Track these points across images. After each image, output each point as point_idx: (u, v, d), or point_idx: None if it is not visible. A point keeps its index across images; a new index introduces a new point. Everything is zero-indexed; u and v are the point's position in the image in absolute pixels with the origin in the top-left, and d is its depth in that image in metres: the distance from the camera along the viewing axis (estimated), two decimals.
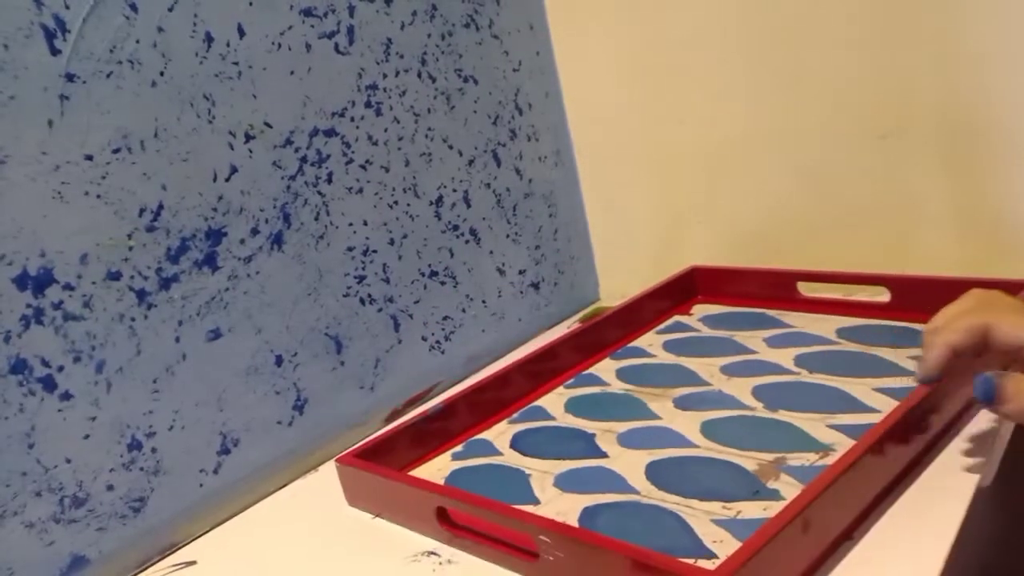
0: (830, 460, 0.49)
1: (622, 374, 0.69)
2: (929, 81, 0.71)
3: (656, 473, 0.52)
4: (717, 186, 0.86)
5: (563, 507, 0.50)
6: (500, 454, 0.60)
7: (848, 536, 0.43)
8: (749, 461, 0.51)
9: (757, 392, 0.60)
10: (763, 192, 0.83)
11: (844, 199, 0.78)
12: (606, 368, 0.71)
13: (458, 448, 0.62)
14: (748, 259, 0.83)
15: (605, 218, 0.95)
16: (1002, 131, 0.68)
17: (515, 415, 0.66)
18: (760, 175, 0.82)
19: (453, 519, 0.50)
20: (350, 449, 0.59)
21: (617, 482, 0.52)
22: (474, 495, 0.50)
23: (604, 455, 0.56)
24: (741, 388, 0.61)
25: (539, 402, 0.67)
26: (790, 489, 0.47)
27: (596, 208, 0.95)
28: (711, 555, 0.43)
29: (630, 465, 0.54)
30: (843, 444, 0.50)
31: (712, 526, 0.45)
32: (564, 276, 0.92)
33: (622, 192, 0.93)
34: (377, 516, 0.56)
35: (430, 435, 0.63)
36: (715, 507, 0.47)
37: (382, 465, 0.56)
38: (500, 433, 0.63)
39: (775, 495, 0.47)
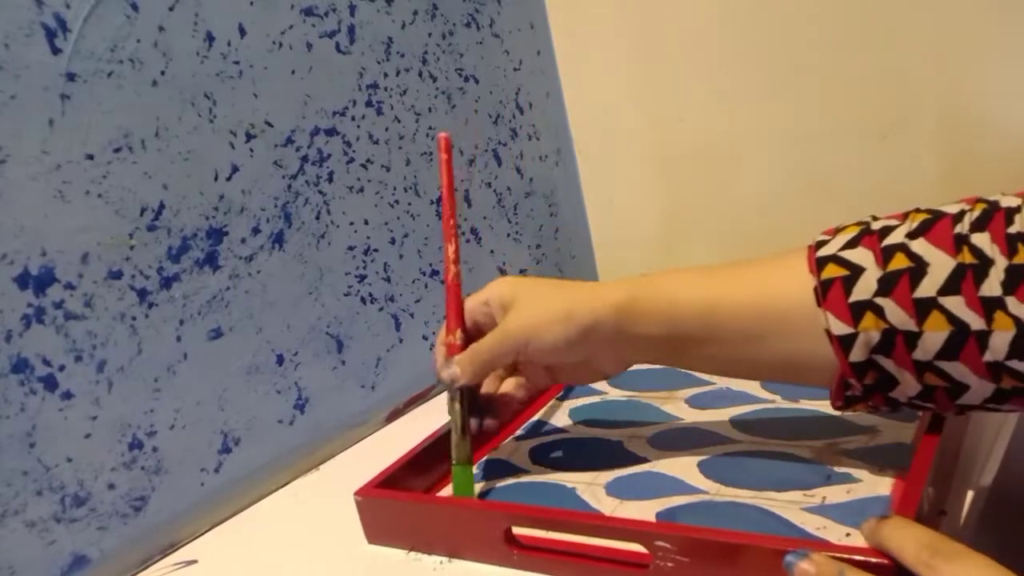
0: (882, 440, 0.49)
1: (614, 381, 0.68)
2: (929, 81, 0.71)
3: (714, 471, 0.50)
4: (717, 185, 0.86)
5: (632, 515, 0.47)
6: (526, 471, 0.56)
7: (942, 512, 0.43)
8: (802, 449, 0.50)
9: (766, 385, 0.60)
10: (763, 192, 0.83)
11: (844, 199, 0.78)
12: None
13: (473, 471, 0.57)
14: (747, 258, 0.83)
15: (605, 217, 0.95)
16: (1002, 131, 0.68)
17: (519, 431, 0.62)
18: (760, 175, 0.82)
19: (521, 541, 0.46)
20: (365, 483, 0.52)
21: (676, 484, 0.49)
22: (553, 509, 0.46)
23: (644, 459, 0.53)
24: (746, 383, 0.61)
25: (539, 416, 0.64)
26: (862, 471, 0.46)
27: (596, 207, 0.95)
28: (824, 543, 0.40)
29: (680, 466, 0.51)
30: (884, 425, 0.50)
31: (806, 514, 0.43)
32: (565, 275, 0.92)
33: (622, 191, 0.93)
34: (411, 551, 0.50)
35: (432, 463, 0.57)
36: (796, 496, 0.45)
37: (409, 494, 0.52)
38: (513, 451, 0.59)
39: (849, 478, 0.45)
